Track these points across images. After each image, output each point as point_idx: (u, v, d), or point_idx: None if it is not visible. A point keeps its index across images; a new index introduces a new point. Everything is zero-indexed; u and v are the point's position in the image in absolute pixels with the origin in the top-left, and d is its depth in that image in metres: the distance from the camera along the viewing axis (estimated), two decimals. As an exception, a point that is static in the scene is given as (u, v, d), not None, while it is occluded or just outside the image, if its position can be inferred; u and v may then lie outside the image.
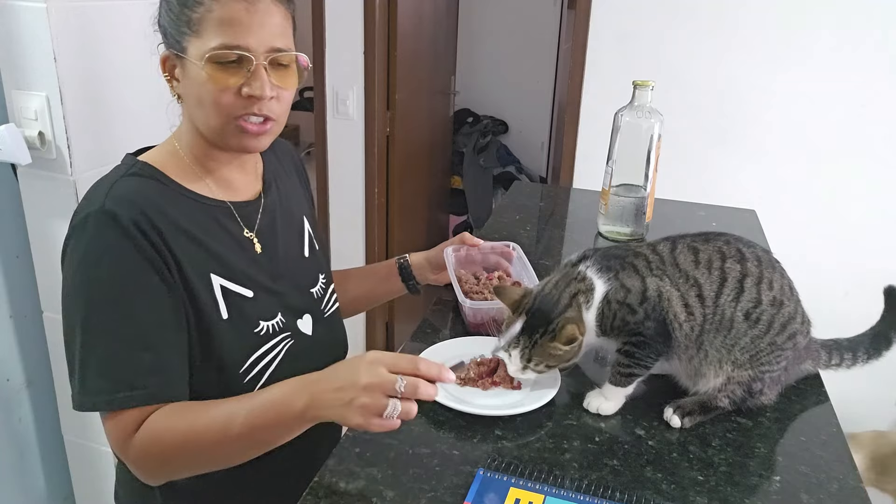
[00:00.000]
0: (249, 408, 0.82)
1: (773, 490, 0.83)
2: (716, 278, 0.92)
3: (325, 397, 0.78)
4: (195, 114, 0.92)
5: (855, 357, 1.03)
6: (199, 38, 0.87)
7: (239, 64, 0.87)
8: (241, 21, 0.85)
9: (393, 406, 0.75)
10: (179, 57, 0.89)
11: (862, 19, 2.14)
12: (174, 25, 0.89)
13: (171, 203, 0.90)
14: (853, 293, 2.33)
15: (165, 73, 0.93)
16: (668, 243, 0.97)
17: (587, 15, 2.38)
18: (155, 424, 0.84)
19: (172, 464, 0.87)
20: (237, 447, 0.84)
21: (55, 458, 1.75)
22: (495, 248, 1.26)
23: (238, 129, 0.90)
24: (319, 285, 1.10)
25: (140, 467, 0.88)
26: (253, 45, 0.86)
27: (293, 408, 0.79)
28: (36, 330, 1.64)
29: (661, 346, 0.92)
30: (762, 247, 0.97)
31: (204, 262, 0.91)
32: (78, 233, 0.86)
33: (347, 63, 2.73)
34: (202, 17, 0.86)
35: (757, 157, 2.35)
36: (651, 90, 1.40)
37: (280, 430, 0.82)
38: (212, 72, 0.86)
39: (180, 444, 0.84)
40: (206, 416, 0.84)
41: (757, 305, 0.91)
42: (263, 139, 0.93)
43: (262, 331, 0.96)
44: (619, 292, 0.93)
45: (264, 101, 0.89)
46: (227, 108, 0.88)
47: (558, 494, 0.80)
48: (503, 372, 1.01)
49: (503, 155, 4.18)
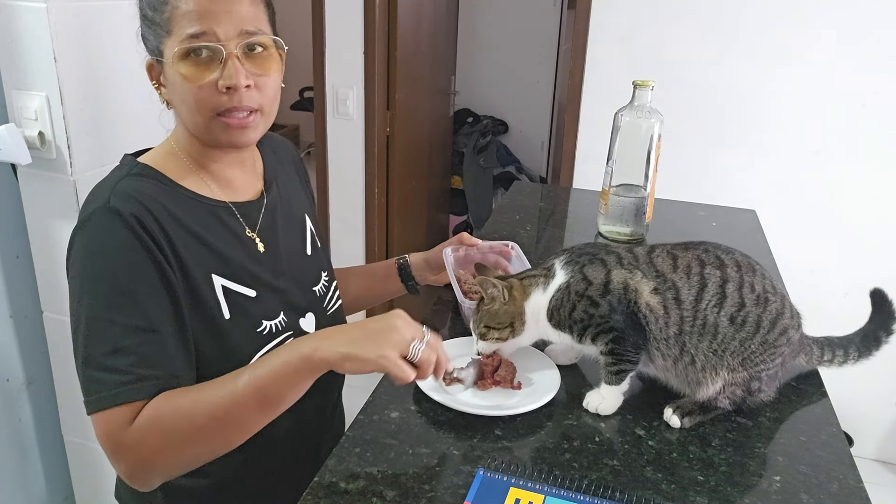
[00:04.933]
0: (253, 367, 0.82)
1: (773, 490, 0.83)
2: (695, 283, 0.92)
3: (336, 337, 0.80)
4: (182, 115, 0.92)
5: (846, 354, 1.04)
6: (171, 37, 0.86)
7: (211, 57, 0.86)
8: (205, 10, 0.85)
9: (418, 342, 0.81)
10: (160, 62, 0.89)
11: (862, 19, 2.14)
12: (151, 31, 0.89)
13: (174, 203, 0.90)
14: (853, 293, 2.33)
15: (153, 81, 0.93)
16: (647, 247, 0.98)
17: (587, 15, 2.38)
18: (154, 406, 0.81)
19: (174, 447, 0.82)
20: (245, 410, 0.81)
21: (55, 458, 1.75)
22: (494, 247, 1.26)
23: (222, 125, 0.89)
24: (322, 283, 1.10)
25: (136, 459, 0.83)
26: (221, 34, 0.85)
27: (298, 351, 0.79)
28: (36, 330, 1.64)
29: (638, 338, 0.93)
30: (741, 252, 0.97)
31: (206, 262, 0.91)
32: (83, 229, 0.86)
33: (347, 63, 2.73)
34: (170, 15, 0.86)
35: (757, 157, 2.35)
36: (651, 90, 1.40)
37: (287, 379, 0.80)
38: (184, 69, 0.86)
39: (185, 419, 0.81)
40: (210, 388, 0.82)
41: (741, 308, 0.91)
42: (250, 132, 0.92)
43: (264, 330, 0.96)
44: (579, 284, 0.94)
45: (241, 91, 0.87)
46: (207, 103, 0.87)
47: (558, 494, 0.80)
48: (503, 372, 1.01)
49: (503, 155, 4.18)
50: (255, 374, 0.81)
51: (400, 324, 0.82)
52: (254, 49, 0.89)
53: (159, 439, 0.81)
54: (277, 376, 0.80)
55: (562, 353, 1.07)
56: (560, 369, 1.02)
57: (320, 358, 0.79)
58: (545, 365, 1.04)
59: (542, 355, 1.06)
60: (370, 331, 0.81)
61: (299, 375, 0.80)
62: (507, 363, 1.02)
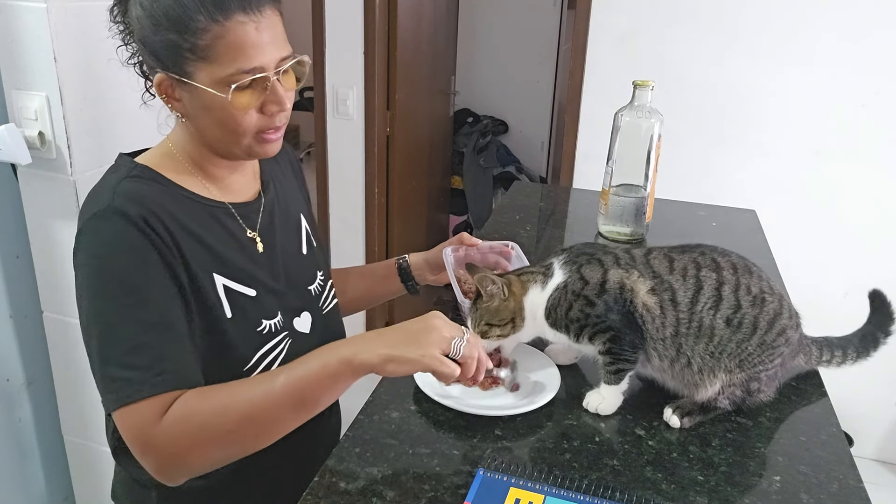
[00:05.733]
0: (290, 367, 0.82)
1: (773, 490, 0.83)
2: (691, 286, 0.92)
3: (378, 340, 0.81)
4: (210, 133, 0.91)
5: (845, 355, 1.04)
6: (211, 65, 0.85)
7: (255, 83, 0.87)
8: (252, 42, 0.84)
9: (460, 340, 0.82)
10: (183, 81, 0.87)
11: (862, 19, 2.14)
12: (171, 49, 0.86)
13: (174, 204, 0.90)
14: (853, 293, 2.33)
15: (163, 95, 0.91)
16: (644, 249, 0.99)
17: (587, 15, 2.38)
18: (187, 400, 0.81)
19: (205, 443, 0.81)
20: (280, 410, 0.81)
21: (55, 458, 1.76)
22: (494, 247, 1.26)
23: (261, 141, 0.92)
24: (317, 282, 1.10)
25: (167, 453, 0.82)
26: (266, 64, 0.86)
27: (339, 354, 0.80)
28: (36, 330, 1.64)
29: (635, 338, 0.93)
30: (738, 254, 0.97)
31: (208, 262, 0.91)
32: (89, 233, 0.85)
33: (347, 63, 2.73)
34: (210, 44, 0.83)
35: (757, 157, 2.35)
36: (651, 90, 1.40)
37: (325, 382, 0.80)
38: (237, 100, 0.86)
39: (218, 416, 0.80)
40: (246, 385, 0.82)
41: (737, 310, 0.91)
42: (277, 143, 0.95)
43: (264, 329, 0.96)
44: (576, 283, 0.95)
45: (286, 111, 0.90)
46: (252, 127, 0.89)
47: (558, 494, 0.80)
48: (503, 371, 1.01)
49: (503, 155, 4.18)
50: (293, 376, 0.81)
51: (439, 324, 0.83)
52: (286, 70, 0.90)
53: (191, 437, 0.81)
54: (316, 379, 0.81)
55: (561, 353, 1.07)
56: (560, 369, 1.03)
57: (360, 362, 0.79)
58: (545, 365, 1.04)
59: (542, 355, 1.06)
60: (411, 332, 0.82)
61: (337, 379, 0.81)
62: (507, 363, 1.02)
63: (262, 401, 0.81)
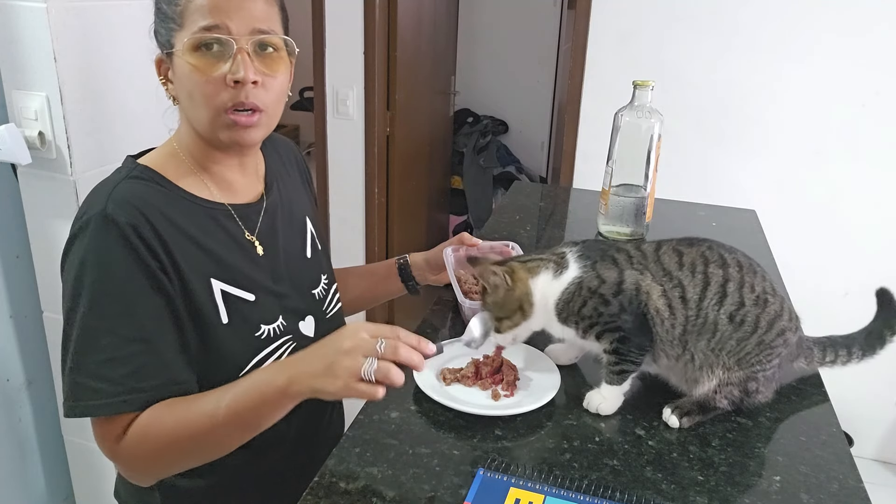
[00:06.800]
0: (233, 393, 0.83)
1: (773, 490, 0.83)
2: (699, 281, 0.92)
3: (305, 370, 0.79)
4: (189, 111, 0.92)
5: (850, 354, 1.03)
6: (183, 30, 0.87)
7: (221, 51, 0.87)
8: (219, 4, 0.86)
9: (370, 363, 0.76)
10: (169, 55, 0.90)
11: (862, 18, 2.14)
12: (163, 25, 0.90)
13: (172, 206, 0.90)
14: (853, 293, 2.33)
15: (161, 77, 0.94)
16: (653, 244, 0.98)
17: (587, 15, 2.38)
18: (143, 423, 0.84)
19: (163, 460, 0.87)
20: (225, 433, 0.84)
21: (55, 458, 1.76)
22: (494, 247, 1.26)
23: (228, 122, 0.89)
24: (322, 286, 1.10)
25: (130, 467, 0.89)
26: (233, 29, 0.86)
27: (275, 384, 0.80)
28: (36, 330, 1.64)
29: (644, 341, 0.93)
30: (743, 252, 0.97)
31: (204, 266, 0.91)
32: (79, 236, 0.86)
33: (347, 63, 2.73)
34: (184, 8, 0.87)
35: (757, 157, 2.35)
36: (651, 90, 1.40)
37: (265, 409, 0.82)
38: (194, 60, 0.86)
39: (170, 439, 0.84)
40: (194, 408, 0.84)
41: (740, 307, 0.92)
42: (254, 132, 0.92)
43: (263, 334, 0.96)
44: (592, 281, 0.94)
45: (248, 86, 0.87)
46: (214, 98, 0.88)
47: (558, 494, 0.80)
48: (504, 372, 1.01)
49: (503, 155, 4.18)
50: (237, 402, 0.82)
51: (348, 346, 0.78)
52: (265, 49, 0.90)
53: (149, 453, 0.86)
54: (256, 406, 0.82)
55: (562, 353, 1.07)
56: (560, 369, 1.02)
57: (295, 392, 0.80)
58: (545, 365, 1.04)
59: (542, 355, 1.06)
60: (327, 361, 0.78)
61: (276, 406, 0.82)
62: (508, 363, 1.02)
63: (207, 425, 0.83)
